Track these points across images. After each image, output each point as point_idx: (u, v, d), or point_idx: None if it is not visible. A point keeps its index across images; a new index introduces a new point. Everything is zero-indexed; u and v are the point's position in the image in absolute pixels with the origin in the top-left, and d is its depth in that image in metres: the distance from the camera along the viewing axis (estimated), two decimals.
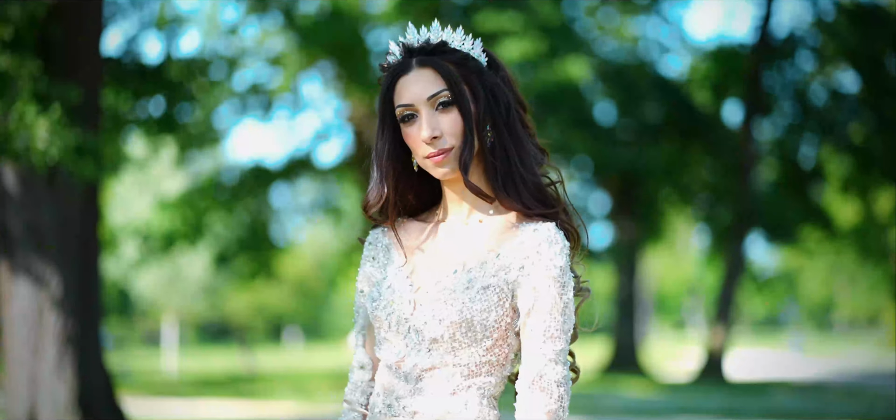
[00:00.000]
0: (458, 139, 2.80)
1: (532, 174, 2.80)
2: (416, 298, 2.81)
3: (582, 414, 18.26)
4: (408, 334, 2.81)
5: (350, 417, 3.01)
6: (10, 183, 12.70)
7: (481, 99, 2.81)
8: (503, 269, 2.75)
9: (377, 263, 2.96)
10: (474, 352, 2.77)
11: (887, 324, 53.47)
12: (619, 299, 31.86)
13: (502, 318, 2.76)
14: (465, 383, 2.79)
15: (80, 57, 13.14)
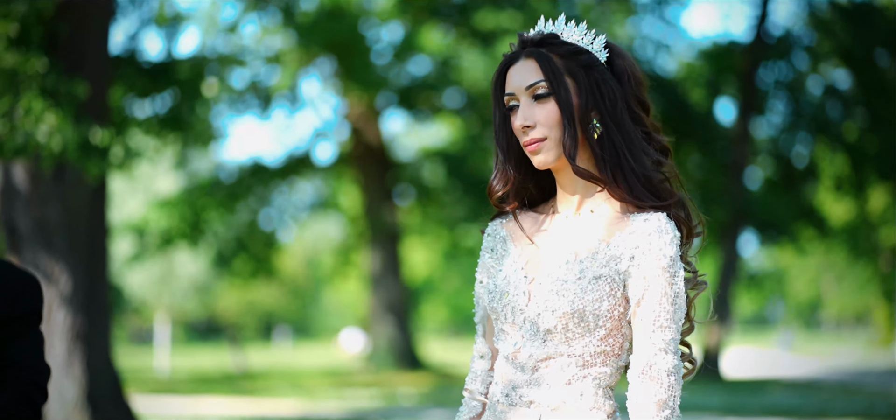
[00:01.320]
0: (552, 130, 2.83)
1: (642, 166, 2.82)
2: (531, 290, 2.84)
3: None
4: (523, 325, 2.84)
5: (470, 406, 3.05)
6: (18, 180, 12.66)
7: (585, 92, 2.83)
8: (614, 259, 2.78)
9: (495, 254, 3.00)
10: (588, 342, 2.80)
11: (876, 322, 53.56)
12: None
13: (614, 308, 2.78)
14: (580, 373, 2.81)
15: (88, 54, 13.12)
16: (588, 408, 2.82)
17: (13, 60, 11.09)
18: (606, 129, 2.82)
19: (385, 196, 28.20)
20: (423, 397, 20.85)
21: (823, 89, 29.84)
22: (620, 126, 2.83)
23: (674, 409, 2.75)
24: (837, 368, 33.55)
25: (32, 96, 11.09)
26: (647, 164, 2.84)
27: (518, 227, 2.98)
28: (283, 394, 21.72)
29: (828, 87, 29.63)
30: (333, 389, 22.85)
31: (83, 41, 13.05)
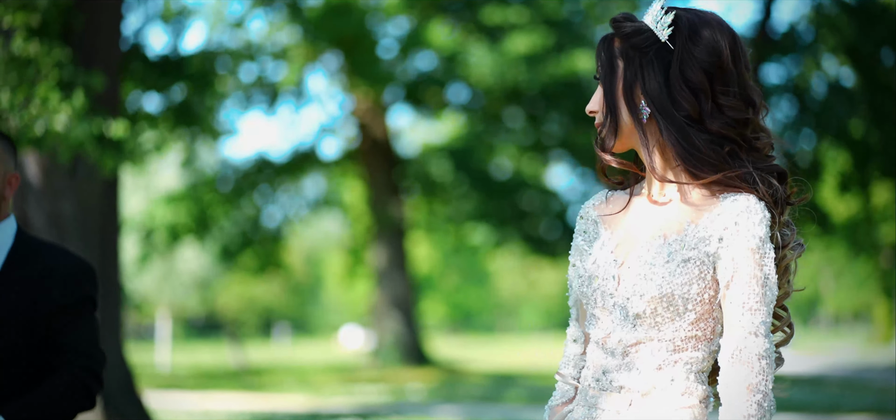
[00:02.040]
0: (603, 114, 2.85)
1: (691, 145, 2.77)
2: (620, 273, 2.82)
3: None
4: (613, 310, 2.82)
5: (563, 391, 3.02)
6: (32, 173, 12.63)
7: (630, 74, 2.82)
8: (703, 241, 2.75)
9: (587, 237, 2.98)
10: (678, 326, 2.77)
11: (876, 319, 53.56)
12: None
13: (704, 291, 2.75)
14: (671, 358, 2.78)
15: (101, 46, 13.10)
16: (679, 393, 2.79)
17: (34, 51, 11.03)
18: (654, 111, 2.80)
19: (391, 191, 28.16)
20: (432, 393, 20.83)
21: (828, 87, 29.81)
22: (667, 107, 2.79)
23: (766, 393, 2.70)
24: (839, 365, 33.55)
25: (49, 87, 11.04)
26: (699, 141, 2.78)
27: (609, 209, 2.97)
28: (290, 389, 21.69)
29: (832, 85, 29.59)
30: (340, 385, 22.82)
31: (96, 34, 13.02)
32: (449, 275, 65.99)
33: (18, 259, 4.00)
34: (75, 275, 4.03)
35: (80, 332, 4.00)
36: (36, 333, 3.94)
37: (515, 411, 17.35)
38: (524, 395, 20.65)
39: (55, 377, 3.94)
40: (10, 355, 3.91)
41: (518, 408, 18.06)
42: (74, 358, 3.97)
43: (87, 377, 3.97)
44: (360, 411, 16.61)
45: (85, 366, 3.97)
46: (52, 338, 3.96)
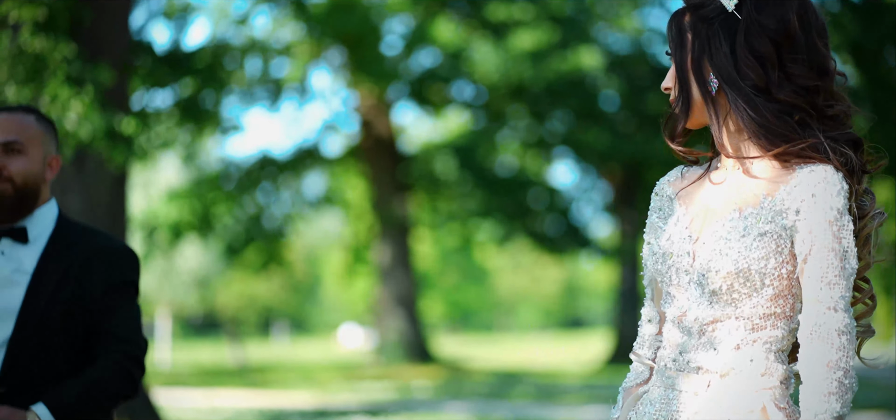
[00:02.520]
0: (675, 90, 2.83)
1: (760, 115, 2.72)
2: (695, 249, 2.76)
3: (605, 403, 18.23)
4: (688, 287, 2.75)
5: (637, 371, 2.97)
6: None
7: (697, 47, 2.78)
8: (779, 214, 2.69)
9: (661, 214, 2.92)
10: (756, 303, 2.70)
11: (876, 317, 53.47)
12: (622, 291, 31.83)
13: (782, 266, 2.69)
14: (749, 337, 2.72)
15: (109, 41, 13.04)
16: (759, 373, 2.72)
17: (41, 46, 10.95)
18: (722, 83, 2.75)
19: (395, 188, 28.10)
20: (438, 390, 20.79)
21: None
22: (734, 77, 2.73)
23: (846, 370, 2.64)
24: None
25: (58, 83, 10.97)
26: (768, 111, 2.72)
27: (684, 185, 2.92)
28: (295, 387, 21.64)
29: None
30: (345, 383, 22.78)
31: (104, 28, 12.97)
32: (447, 273, 65.95)
33: (60, 243, 3.94)
34: (118, 259, 3.97)
35: (122, 318, 3.93)
36: (78, 318, 3.88)
37: (524, 408, 17.31)
38: (531, 392, 20.62)
39: (97, 363, 3.87)
40: (52, 340, 3.85)
41: (526, 404, 18.03)
42: (117, 344, 3.90)
43: (130, 363, 3.90)
44: (369, 408, 16.56)
45: (127, 352, 3.90)
46: (95, 323, 3.89)
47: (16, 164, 3.89)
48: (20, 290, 3.88)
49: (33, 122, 3.97)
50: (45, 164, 3.98)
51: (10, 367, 3.80)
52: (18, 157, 3.90)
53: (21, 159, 3.90)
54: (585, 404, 17.95)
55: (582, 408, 17.31)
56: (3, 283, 3.89)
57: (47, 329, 3.84)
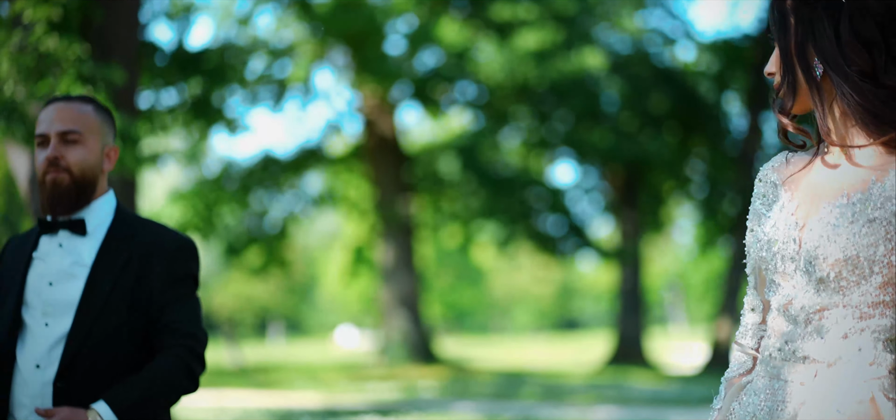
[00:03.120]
0: (780, 75, 2.79)
1: (866, 99, 2.66)
2: (801, 236, 2.70)
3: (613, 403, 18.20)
4: (794, 275, 2.69)
5: (740, 361, 2.92)
6: None
7: (800, 31, 2.73)
8: (889, 200, 2.63)
9: (765, 201, 2.87)
10: (865, 291, 2.63)
11: None
12: (623, 291, 31.80)
13: (891, 253, 2.62)
14: (857, 326, 2.65)
15: (119, 41, 12.99)
16: (867, 363, 2.65)
17: (54, 45, 10.87)
18: (827, 68, 2.70)
19: (398, 189, 28.04)
20: (445, 390, 20.73)
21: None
22: (839, 63, 2.68)
23: None
24: None
25: (70, 81, 10.89)
26: (875, 97, 2.66)
27: (790, 172, 2.86)
28: (301, 387, 21.57)
29: None
30: (350, 383, 22.71)
31: (115, 28, 12.91)
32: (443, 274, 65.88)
33: (119, 235, 3.88)
34: (179, 251, 3.90)
35: (183, 311, 3.87)
36: (138, 312, 3.81)
37: (533, 408, 17.26)
38: (538, 392, 20.57)
39: (159, 358, 3.81)
40: (112, 333, 3.78)
41: (535, 404, 17.98)
42: (178, 338, 3.83)
43: (191, 358, 3.83)
44: (377, 408, 16.49)
45: (188, 346, 3.83)
46: (155, 316, 3.82)
47: (73, 154, 3.83)
48: (79, 282, 3.81)
49: (91, 112, 3.90)
50: (103, 154, 3.91)
51: (70, 362, 3.74)
52: (76, 146, 3.84)
53: (79, 149, 3.84)
54: (594, 404, 17.91)
55: (592, 408, 17.25)
56: (63, 276, 3.82)
57: (107, 322, 3.77)
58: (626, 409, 16.93)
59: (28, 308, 3.83)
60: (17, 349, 3.82)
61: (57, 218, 3.87)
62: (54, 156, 3.80)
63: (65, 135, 3.82)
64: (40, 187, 3.85)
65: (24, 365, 3.78)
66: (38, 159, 3.85)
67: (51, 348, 3.77)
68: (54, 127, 3.83)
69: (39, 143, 3.87)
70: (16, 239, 4.05)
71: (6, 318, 3.85)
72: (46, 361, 3.76)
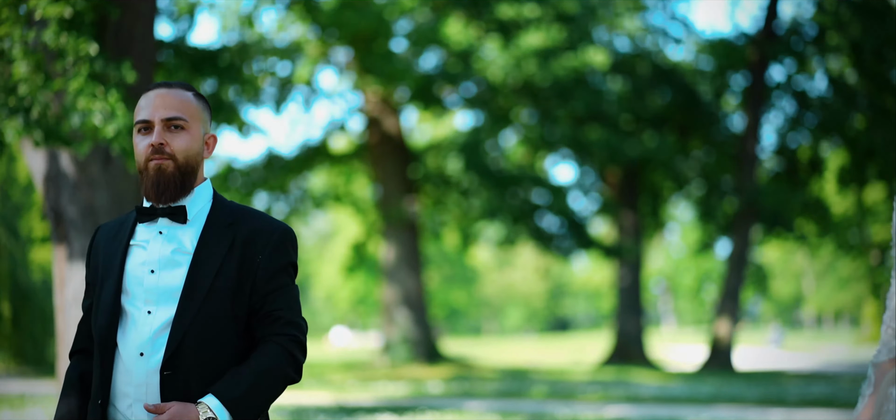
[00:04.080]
0: None
1: None
2: None
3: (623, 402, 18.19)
4: None
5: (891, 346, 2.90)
6: (66, 165, 12.44)
7: None
8: None
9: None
10: None
11: (866, 318, 53.67)
12: (622, 290, 31.81)
13: None
14: None
15: (135, 39, 12.91)
16: None
17: (66, 43, 10.81)
18: None
19: (403, 188, 27.99)
20: (454, 389, 20.69)
21: (830, 84, 29.84)
22: None
23: None
24: (840, 363, 33.56)
25: (83, 79, 10.83)
26: None
27: None
28: (308, 386, 21.51)
29: (834, 82, 29.61)
30: (357, 382, 22.65)
31: (131, 26, 12.84)
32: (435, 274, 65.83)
33: (219, 222, 3.84)
34: (281, 239, 3.86)
35: (285, 299, 3.83)
36: (241, 299, 3.78)
37: (544, 406, 17.23)
38: (546, 390, 20.55)
39: (263, 348, 3.77)
40: (217, 321, 3.74)
41: (546, 402, 17.96)
42: (281, 327, 3.79)
43: (295, 347, 3.80)
44: (389, 406, 16.45)
45: (291, 335, 3.80)
46: (257, 304, 3.79)
47: (178, 141, 3.80)
48: (182, 270, 3.78)
49: (192, 99, 3.88)
50: (203, 141, 3.89)
51: (175, 350, 3.70)
52: (181, 133, 3.81)
53: (183, 136, 3.81)
54: (605, 403, 17.90)
55: (604, 406, 17.24)
56: (165, 264, 3.79)
57: (211, 309, 3.73)
58: (638, 407, 16.93)
59: (128, 296, 3.80)
60: (117, 338, 3.79)
61: (157, 205, 3.83)
62: (159, 142, 3.77)
63: (170, 121, 3.80)
64: (143, 174, 3.82)
65: (127, 354, 3.75)
66: (138, 146, 3.82)
67: (154, 336, 3.73)
68: (159, 113, 3.80)
69: (141, 130, 3.83)
70: (106, 227, 4.02)
71: (107, 307, 3.82)
72: (150, 349, 3.72)
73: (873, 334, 51.41)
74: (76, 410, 3.93)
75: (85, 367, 3.98)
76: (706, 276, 73.96)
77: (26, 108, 10.90)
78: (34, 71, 10.83)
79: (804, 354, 41.21)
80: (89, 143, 10.97)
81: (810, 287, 73.92)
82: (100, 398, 3.77)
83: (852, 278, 62.53)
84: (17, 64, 10.76)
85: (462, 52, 25.01)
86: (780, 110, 30.66)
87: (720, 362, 27.90)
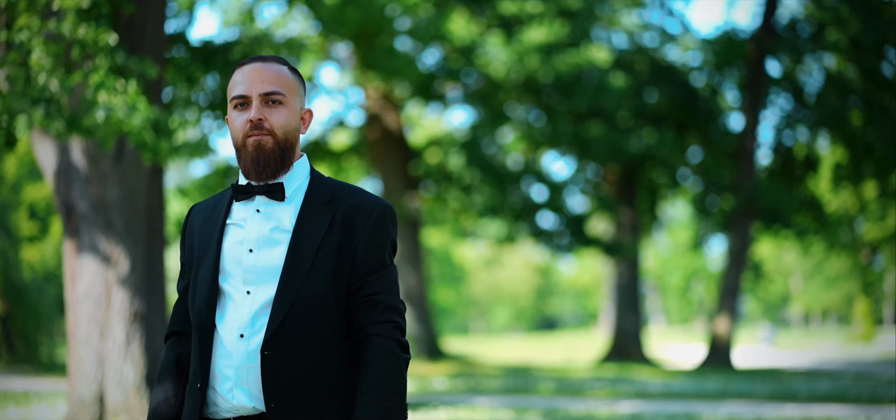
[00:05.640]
0: None
1: None
2: None
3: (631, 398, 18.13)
4: None
5: None
6: (77, 159, 12.35)
7: None
8: None
9: None
10: None
11: (856, 317, 53.75)
12: (619, 287, 31.77)
13: None
14: None
15: (148, 33, 12.84)
16: None
17: (83, 33, 10.68)
18: None
19: (404, 183, 27.87)
20: (461, 385, 20.62)
21: (828, 80, 29.84)
22: None
23: None
24: (836, 360, 33.58)
25: (103, 73, 10.71)
26: None
27: None
28: None
29: (832, 78, 29.62)
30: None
31: (144, 20, 12.76)
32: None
33: (318, 199, 3.71)
34: (380, 216, 3.72)
35: (384, 282, 3.69)
36: (341, 277, 3.64)
37: (555, 402, 17.17)
38: (553, 387, 20.49)
39: (372, 350, 3.61)
40: (318, 300, 3.61)
41: (554, 399, 17.90)
42: (380, 313, 3.65)
43: (397, 333, 3.68)
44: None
45: (393, 322, 3.67)
46: (356, 286, 3.66)
47: (277, 116, 3.67)
48: (281, 249, 3.65)
49: (288, 73, 3.75)
50: (300, 116, 3.76)
51: (275, 330, 3.58)
52: (279, 108, 3.68)
53: (282, 111, 3.68)
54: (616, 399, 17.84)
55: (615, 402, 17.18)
56: (264, 243, 3.67)
57: (311, 288, 3.60)
58: (650, 403, 16.87)
59: (226, 276, 3.68)
60: (216, 319, 3.67)
61: (254, 183, 3.71)
62: (258, 118, 3.65)
63: (268, 96, 3.67)
64: (240, 152, 3.69)
65: (227, 335, 3.63)
66: (235, 122, 3.69)
67: (255, 317, 3.61)
68: (256, 88, 3.67)
69: (237, 105, 3.70)
70: (199, 206, 3.90)
71: (205, 287, 3.70)
72: (251, 331, 3.60)
73: (865, 332, 51.48)
74: (173, 396, 3.83)
75: (180, 350, 3.87)
76: (694, 275, 74.08)
77: (47, 98, 10.77)
78: (54, 62, 10.71)
79: (798, 352, 41.23)
80: (113, 135, 10.85)
81: (798, 286, 74.08)
82: (199, 382, 3.66)
83: (841, 277, 62.68)
84: (37, 55, 10.63)
85: (464, 48, 24.90)
86: (777, 107, 30.65)
87: (719, 360, 27.85)
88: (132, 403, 12.59)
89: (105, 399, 12.53)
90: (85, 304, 12.60)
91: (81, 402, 12.49)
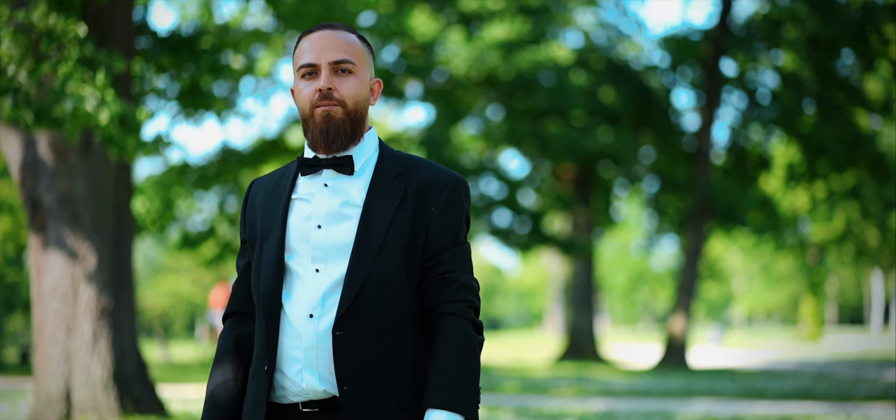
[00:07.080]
0: None
1: None
2: None
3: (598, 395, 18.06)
4: None
5: None
6: (43, 153, 12.13)
7: None
8: None
9: None
10: None
11: (803, 317, 54.13)
12: (574, 286, 31.74)
13: None
14: None
15: (117, 25, 12.66)
16: None
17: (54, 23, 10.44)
18: None
19: None
20: None
21: (783, 80, 29.98)
22: None
23: None
24: (789, 360, 33.73)
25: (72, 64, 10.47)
26: None
27: None
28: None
29: (787, 77, 29.75)
30: None
31: (112, 11, 12.58)
32: None
33: (388, 172, 3.52)
34: (453, 189, 3.53)
35: (457, 259, 3.51)
36: (414, 253, 3.45)
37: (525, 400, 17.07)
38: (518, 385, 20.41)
39: (446, 331, 3.43)
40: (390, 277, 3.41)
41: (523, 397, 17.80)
42: (454, 292, 3.46)
43: (471, 313, 3.49)
44: None
45: (467, 301, 3.48)
46: (429, 263, 3.48)
47: (347, 85, 3.48)
48: (351, 224, 3.46)
49: (358, 41, 3.57)
50: (369, 87, 3.58)
51: (347, 309, 3.39)
52: (349, 77, 3.49)
53: (352, 80, 3.49)
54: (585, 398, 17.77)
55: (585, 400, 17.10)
56: (334, 218, 3.47)
57: (384, 265, 3.41)
58: (619, 401, 16.82)
59: (292, 253, 3.48)
60: (282, 299, 3.48)
61: (321, 156, 3.52)
62: (328, 87, 3.46)
63: (337, 65, 3.48)
64: (307, 123, 3.50)
65: (295, 315, 3.43)
66: (303, 92, 3.50)
67: (325, 296, 3.42)
68: (325, 56, 3.48)
69: (305, 75, 3.51)
70: (261, 181, 3.70)
71: (270, 266, 3.50)
72: (321, 310, 3.41)
73: (812, 333, 51.85)
74: (232, 378, 3.63)
75: (240, 331, 3.67)
76: (640, 276, 74.34)
77: (15, 89, 10.52)
78: (23, 52, 10.46)
79: (747, 352, 41.41)
80: (79, 128, 10.60)
81: (742, 286, 74.57)
82: (265, 364, 3.46)
83: (786, 278, 63.14)
84: (6, 45, 10.38)
85: (425, 45, 24.72)
86: (731, 106, 30.75)
87: (676, 359, 27.86)
88: (99, 400, 12.38)
89: (72, 396, 12.33)
90: (52, 300, 12.39)
91: (48, 399, 12.30)
